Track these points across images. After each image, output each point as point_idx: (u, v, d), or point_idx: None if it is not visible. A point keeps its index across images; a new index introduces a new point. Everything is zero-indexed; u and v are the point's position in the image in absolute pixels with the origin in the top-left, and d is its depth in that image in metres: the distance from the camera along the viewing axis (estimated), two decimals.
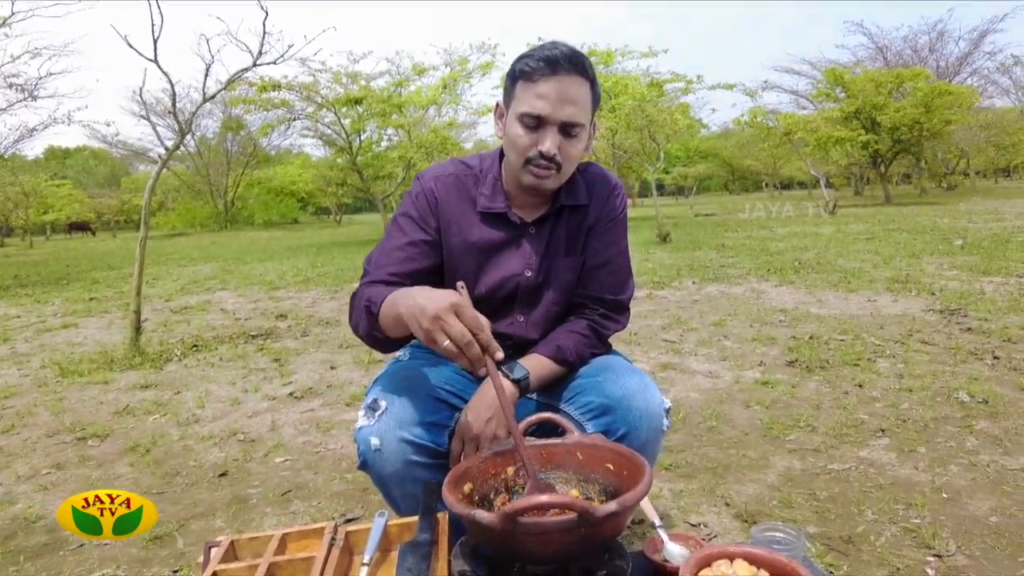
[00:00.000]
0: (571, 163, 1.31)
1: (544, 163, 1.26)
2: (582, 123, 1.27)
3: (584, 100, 1.27)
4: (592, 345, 1.38)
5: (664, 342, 4.07)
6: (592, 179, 1.44)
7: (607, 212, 1.42)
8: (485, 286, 1.38)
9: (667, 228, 11.34)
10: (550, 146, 1.25)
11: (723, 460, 2.28)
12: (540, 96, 1.23)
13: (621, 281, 1.44)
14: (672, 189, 57.46)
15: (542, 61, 1.23)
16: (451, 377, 1.41)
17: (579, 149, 1.30)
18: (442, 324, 0.98)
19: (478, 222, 1.38)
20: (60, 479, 2.46)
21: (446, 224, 1.37)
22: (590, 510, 0.78)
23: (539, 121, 1.24)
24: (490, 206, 1.37)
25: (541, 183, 1.29)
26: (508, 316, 1.41)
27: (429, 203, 1.37)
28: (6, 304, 7.88)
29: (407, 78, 18.82)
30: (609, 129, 15.00)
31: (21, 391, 3.75)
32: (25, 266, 14.48)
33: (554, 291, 1.41)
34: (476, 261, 1.38)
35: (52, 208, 30.73)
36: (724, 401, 2.91)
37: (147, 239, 4.50)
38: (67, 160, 46.78)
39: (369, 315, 1.22)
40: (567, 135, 1.27)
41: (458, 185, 1.40)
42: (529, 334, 1.41)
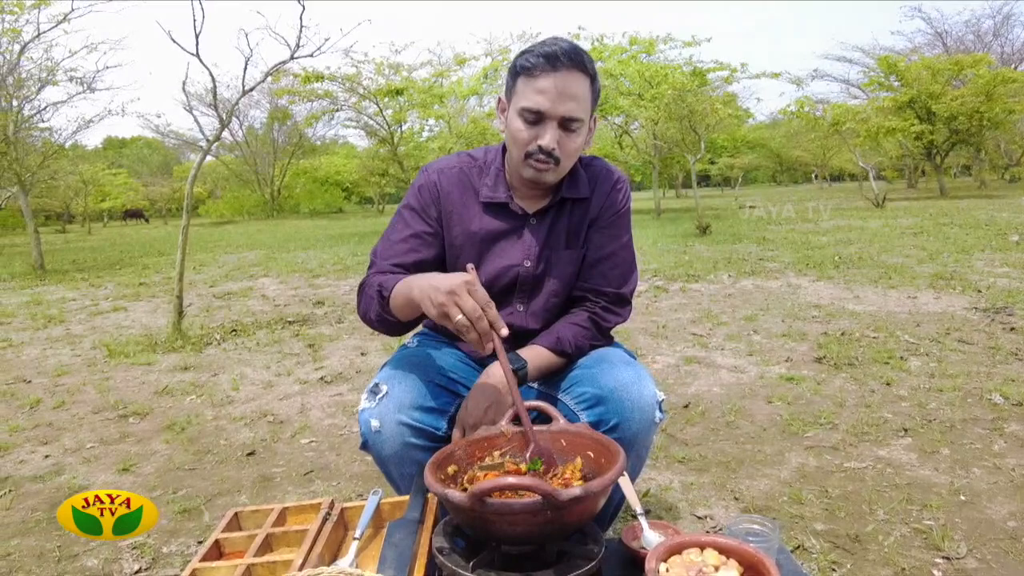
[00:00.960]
0: (570, 157, 1.33)
1: (543, 157, 1.29)
2: (581, 118, 1.29)
3: (583, 95, 1.29)
4: (592, 337, 1.40)
5: (692, 336, 4.04)
6: (595, 173, 1.46)
7: (609, 206, 1.44)
8: (485, 275, 1.41)
9: (707, 220, 11.17)
10: (549, 140, 1.27)
11: (737, 455, 2.28)
12: (540, 91, 1.26)
13: (623, 274, 1.45)
14: (718, 180, 56.39)
15: (542, 57, 1.26)
16: (455, 364, 1.45)
17: (578, 143, 1.32)
18: (456, 299, 1.04)
19: (480, 212, 1.41)
20: (102, 453, 2.61)
21: (447, 215, 1.41)
22: (554, 493, 0.81)
23: (539, 116, 1.27)
24: (492, 196, 1.41)
25: (540, 176, 1.32)
26: (508, 306, 1.45)
27: (431, 195, 1.42)
28: (64, 287, 8.28)
29: (448, 68, 18.94)
30: (650, 119, 14.82)
31: (72, 370, 3.96)
32: (83, 251, 15.15)
33: (554, 282, 1.43)
34: (477, 250, 1.41)
35: (109, 196, 31.96)
36: (746, 396, 2.88)
37: (189, 227, 4.67)
38: (123, 149, 48.59)
39: (381, 299, 1.27)
40: (566, 130, 1.29)
41: (461, 177, 1.44)
42: (529, 324, 1.44)
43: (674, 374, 3.27)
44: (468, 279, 1.06)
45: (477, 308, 1.03)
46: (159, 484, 2.30)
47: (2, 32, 10.34)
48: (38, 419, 3.05)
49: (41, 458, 2.59)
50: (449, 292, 1.04)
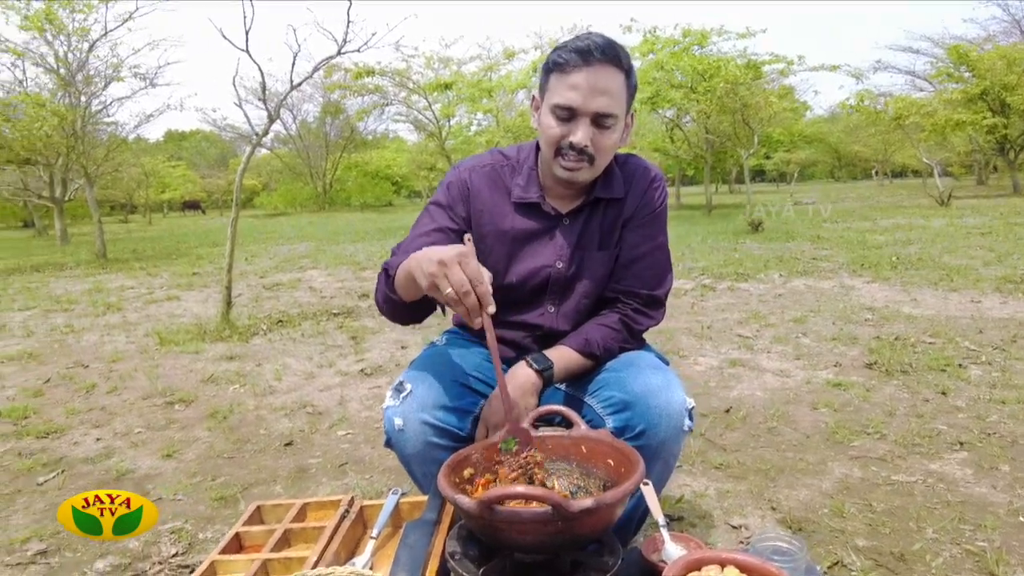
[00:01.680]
0: (604, 155, 1.29)
1: (575, 155, 1.26)
2: (615, 114, 1.25)
3: (617, 91, 1.25)
4: (622, 339, 1.37)
5: (738, 337, 3.93)
6: (631, 171, 1.41)
7: (644, 205, 1.39)
8: (516, 275, 1.39)
9: (759, 217, 10.87)
10: (581, 137, 1.24)
11: (778, 463, 2.20)
12: (572, 87, 1.22)
13: (657, 275, 1.41)
14: (773, 175, 54.83)
15: (575, 52, 1.22)
16: (481, 364, 1.44)
17: (612, 140, 1.28)
18: (445, 270, 1.00)
19: (512, 212, 1.39)
20: (149, 438, 2.70)
21: (478, 214, 1.39)
22: (563, 504, 0.78)
23: (571, 112, 1.23)
24: (524, 196, 1.38)
25: (573, 175, 1.29)
26: (539, 306, 1.42)
27: (461, 193, 1.40)
28: (124, 275, 8.64)
29: (497, 62, 18.93)
30: (703, 112, 14.51)
31: (126, 356, 4.12)
32: (143, 241, 15.78)
33: (586, 283, 1.40)
34: (508, 250, 1.39)
35: (168, 187, 33.25)
36: (790, 402, 2.78)
37: (238, 220, 4.79)
38: (183, 143, 50.38)
39: (386, 277, 1.26)
40: (600, 126, 1.25)
41: (493, 176, 1.41)
42: (559, 325, 1.41)
43: (716, 377, 3.19)
44: (462, 251, 1.02)
45: (465, 283, 0.99)
46: (199, 471, 2.37)
47: (72, 31, 10.82)
48: (92, 403, 3.18)
49: (93, 440, 2.69)
50: (440, 263, 1.00)
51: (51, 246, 15.06)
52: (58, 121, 9.69)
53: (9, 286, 8.01)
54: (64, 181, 13.52)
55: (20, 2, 10.32)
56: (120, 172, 18.43)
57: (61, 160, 11.64)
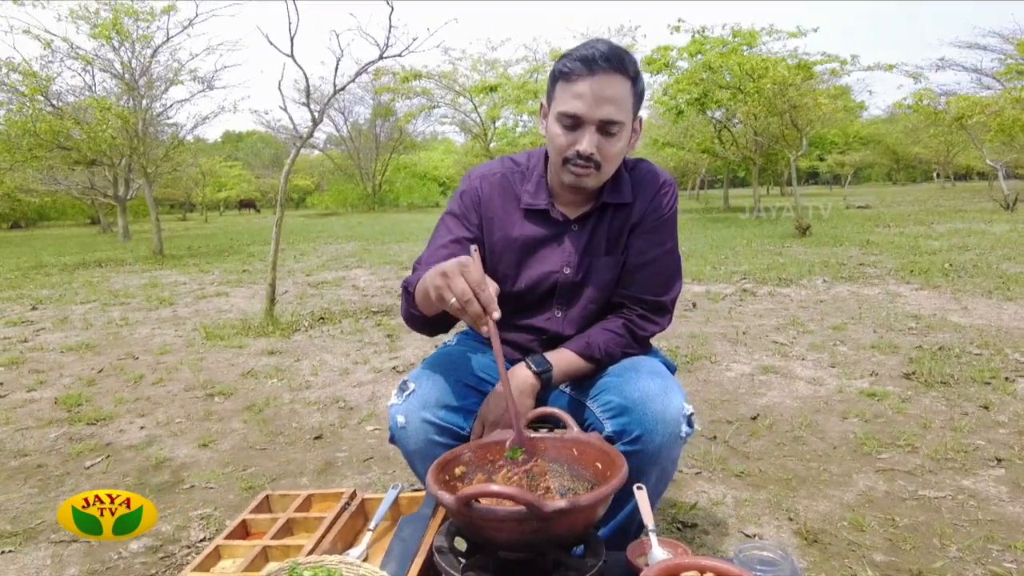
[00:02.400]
0: (611, 162, 1.31)
1: (582, 162, 1.27)
2: (620, 121, 1.26)
3: (623, 98, 1.26)
4: (625, 345, 1.37)
5: (773, 343, 3.86)
6: (640, 177, 1.42)
7: (652, 211, 1.40)
8: (525, 281, 1.41)
9: (807, 220, 10.59)
10: (587, 145, 1.25)
11: (800, 472, 2.16)
12: (577, 95, 1.24)
13: (664, 282, 1.41)
14: (827, 178, 53.20)
15: (579, 61, 1.24)
16: (489, 364, 1.47)
17: (619, 147, 1.30)
18: (448, 282, 1.04)
19: (521, 218, 1.41)
20: (188, 428, 2.83)
21: (488, 221, 1.42)
22: (537, 504, 0.80)
23: (576, 120, 1.25)
24: (532, 203, 1.40)
25: (580, 182, 1.30)
26: (546, 311, 1.44)
27: (473, 201, 1.43)
28: (178, 272, 9.00)
29: (543, 64, 18.98)
30: (750, 114, 14.22)
31: (173, 350, 4.31)
32: (199, 238, 16.39)
33: (593, 289, 1.42)
34: (517, 257, 1.41)
35: (225, 186, 34.40)
36: (820, 411, 2.73)
37: (283, 220, 4.95)
38: (239, 143, 52.02)
39: (406, 295, 1.31)
40: (605, 134, 1.27)
41: (503, 183, 1.44)
42: (565, 330, 1.43)
43: (746, 384, 3.14)
44: (463, 260, 1.05)
45: (467, 291, 1.01)
46: (232, 461, 2.47)
47: (136, 38, 11.33)
48: (139, 393, 3.34)
49: (137, 429, 2.84)
50: (442, 274, 1.04)
51: (114, 242, 15.80)
52: (121, 124, 10.17)
53: (74, 280, 8.45)
54: (127, 181, 14.17)
55: (91, 12, 10.88)
56: (178, 172, 19.18)
57: (124, 161, 12.21)
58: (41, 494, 2.25)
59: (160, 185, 23.02)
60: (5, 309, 6.27)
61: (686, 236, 11.34)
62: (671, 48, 15.59)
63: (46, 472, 2.42)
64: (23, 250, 15.11)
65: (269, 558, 1.03)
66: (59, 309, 6.13)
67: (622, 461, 0.97)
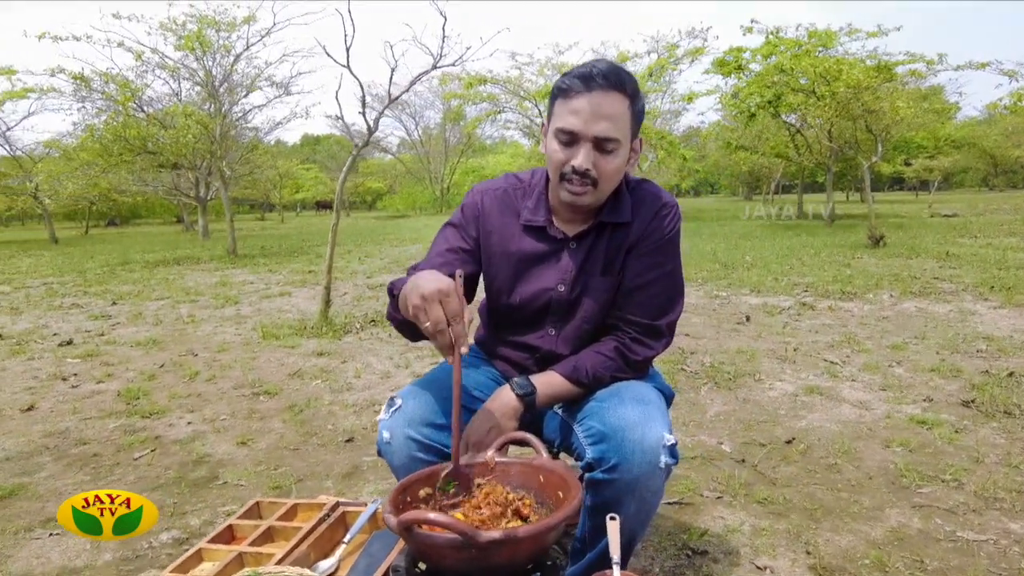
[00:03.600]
0: (608, 180, 1.29)
1: (578, 179, 1.27)
2: (616, 138, 1.25)
3: (620, 115, 1.25)
4: (616, 368, 1.36)
5: (823, 362, 3.69)
6: (641, 197, 1.40)
7: (651, 232, 1.37)
8: (519, 296, 1.42)
9: (881, 230, 10.06)
10: (582, 161, 1.25)
11: (828, 503, 2.06)
12: (574, 112, 1.24)
13: (660, 305, 1.38)
14: (913, 183, 50.30)
15: (577, 78, 1.24)
16: (485, 383, 1.48)
17: (615, 165, 1.28)
18: (426, 305, 1.06)
19: (519, 234, 1.42)
20: (230, 426, 2.97)
21: (487, 235, 1.44)
22: (471, 534, 0.81)
23: (573, 136, 1.25)
24: (531, 219, 1.41)
25: (577, 199, 1.30)
26: (540, 329, 1.44)
27: (473, 214, 1.45)
28: (247, 271, 9.44)
29: None
30: (827, 119, 13.64)
31: (231, 348, 4.53)
32: (272, 239, 17.12)
33: (587, 308, 1.40)
34: (514, 272, 1.42)
35: (302, 188, 35.85)
36: (861, 437, 2.59)
37: (338, 225, 5.12)
38: (316, 146, 54.07)
39: (391, 296, 1.32)
40: (602, 150, 1.26)
41: (504, 198, 1.45)
42: (558, 348, 1.42)
43: (788, 404, 3.02)
44: (443, 288, 1.06)
45: (441, 321, 1.03)
46: (265, 459, 2.57)
47: (218, 48, 11.98)
48: (192, 389, 3.53)
49: (185, 424, 3.00)
50: (422, 297, 1.05)
51: (195, 241, 16.73)
52: (201, 129, 10.76)
53: (152, 277, 9.01)
54: (207, 183, 14.98)
55: (178, 24, 11.58)
56: (256, 174, 20.10)
57: (204, 164, 12.93)
58: (92, 482, 2.41)
59: (240, 187, 24.23)
60: (91, 303, 6.75)
61: (753, 245, 10.99)
62: (744, 50, 15.17)
63: (99, 461, 2.59)
64: (114, 247, 16.21)
65: (244, 564, 1.07)
66: (135, 305, 6.55)
67: (576, 492, 0.96)
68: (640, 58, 18.98)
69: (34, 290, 8.06)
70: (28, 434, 2.91)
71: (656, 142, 18.24)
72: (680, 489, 2.19)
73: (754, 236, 12.84)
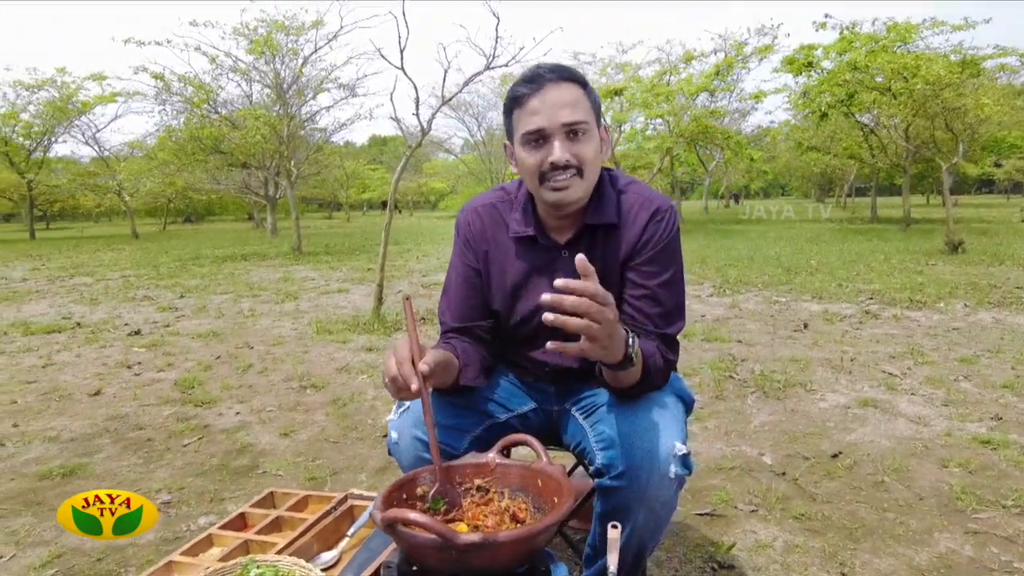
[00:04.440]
0: (590, 166, 1.23)
1: (560, 172, 1.22)
2: (583, 119, 1.21)
3: (579, 101, 1.22)
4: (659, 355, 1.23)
5: (882, 374, 3.51)
6: (629, 203, 1.32)
7: (647, 240, 1.29)
8: (519, 314, 1.37)
9: (960, 235, 9.49)
10: (559, 153, 1.20)
11: (870, 522, 1.96)
12: (533, 112, 1.21)
13: (664, 315, 1.29)
14: (1005, 186, 47.15)
15: (525, 83, 1.22)
16: (505, 386, 1.46)
17: (592, 148, 1.23)
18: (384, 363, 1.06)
19: (512, 248, 1.38)
20: (276, 417, 3.07)
21: (483, 253, 1.40)
22: (449, 536, 0.80)
23: (540, 134, 1.21)
24: (520, 231, 1.35)
25: (565, 195, 1.23)
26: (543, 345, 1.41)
27: (466, 238, 1.41)
28: (310, 268, 9.74)
29: (676, 66, 18.48)
30: (903, 118, 12.97)
31: (285, 342, 4.68)
32: (337, 237, 17.62)
33: None
34: (511, 288, 1.38)
35: (368, 188, 36.78)
36: (915, 455, 2.44)
37: (391, 225, 5.22)
38: (383, 147, 55.35)
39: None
40: (574, 137, 1.21)
41: (493, 213, 1.41)
42: (566, 362, 1.39)
43: (838, 417, 2.88)
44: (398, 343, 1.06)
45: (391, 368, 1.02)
46: (305, 451, 2.65)
47: (286, 51, 12.42)
48: (244, 381, 3.67)
49: (233, 414, 3.12)
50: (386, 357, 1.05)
51: (263, 238, 17.40)
52: (269, 130, 11.19)
53: (220, 272, 9.42)
54: (275, 182, 15.55)
55: (250, 29, 12.08)
56: (323, 174, 20.74)
57: (273, 163, 13.43)
58: (143, 465, 2.54)
59: (308, 186, 25.08)
60: (161, 296, 7.12)
61: (819, 249, 10.57)
62: (816, 47, 14.59)
63: (152, 446, 2.73)
64: (188, 242, 17.05)
65: (249, 550, 1.10)
66: (201, 298, 6.86)
67: (567, 499, 0.94)
68: (706, 57, 18.56)
69: (112, 282, 8.57)
70: (92, 417, 3.09)
71: (722, 142, 17.79)
72: (713, 500, 2.12)
73: (822, 240, 12.34)
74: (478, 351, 1.39)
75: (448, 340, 1.38)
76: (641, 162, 20.23)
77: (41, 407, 3.27)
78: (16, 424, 3.02)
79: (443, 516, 1.03)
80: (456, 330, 1.41)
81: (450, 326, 1.41)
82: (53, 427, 2.97)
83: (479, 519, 1.02)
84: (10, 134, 20.93)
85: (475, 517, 1.03)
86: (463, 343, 1.37)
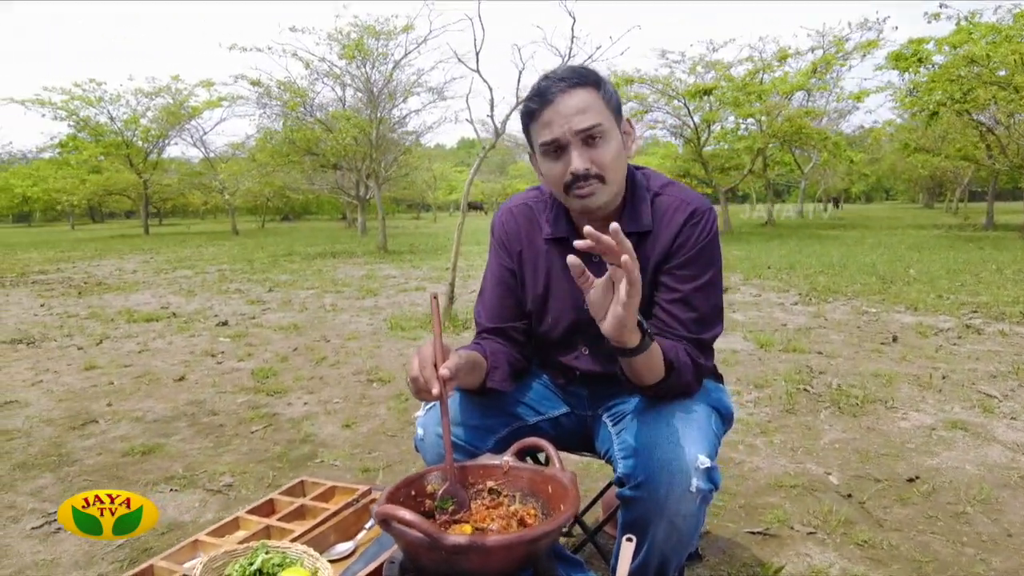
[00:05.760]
0: (612, 170, 1.21)
1: (582, 181, 1.21)
2: (598, 123, 1.18)
3: (591, 104, 1.19)
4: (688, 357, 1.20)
5: (977, 394, 3.21)
6: (663, 205, 1.28)
7: (682, 244, 1.25)
8: (551, 316, 1.37)
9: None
10: (578, 162, 1.19)
11: (945, 557, 1.79)
12: (547, 124, 1.20)
13: (699, 320, 1.24)
14: None
15: (536, 96, 1.21)
16: (538, 389, 1.45)
17: (612, 152, 1.20)
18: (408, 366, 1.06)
19: (545, 250, 1.37)
20: (341, 408, 3.17)
21: (517, 254, 1.39)
22: (436, 536, 0.79)
23: (557, 144, 1.20)
24: (553, 232, 1.34)
25: (589, 202, 1.22)
26: (574, 349, 1.38)
27: (500, 239, 1.42)
28: (392, 266, 10.04)
29: (769, 64, 17.76)
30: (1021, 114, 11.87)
31: (360, 336, 4.84)
32: (422, 236, 18.08)
33: None
34: (543, 290, 1.37)
35: (455, 189, 37.51)
36: (1007, 485, 2.22)
37: (463, 224, 5.30)
38: (471, 150, 56.37)
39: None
40: (591, 143, 1.19)
41: (528, 214, 1.40)
42: (594, 367, 1.36)
43: (920, 438, 2.66)
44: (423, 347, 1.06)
45: (414, 368, 1.03)
46: (363, 443, 2.72)
47: (377, 55, 12.86)
48: (316, 372, 3.82)
49: (302, 404, 3.25)
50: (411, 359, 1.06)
51: (353, 236, 18.10)
52: (359, 132, 11.62)
53: (309, 268, 9.87)
54: (366, 183, 16.14)
55: (343, 34, 12.60)
56: (411, 176, 21.34)
57: (363, 165, 13.95)
58: (213, 449, 2.69)
59: (398, 187, 25.88)
60: (251, 289, 7.54)
61: (921, 257, 9.85)
62: (926, 40, 13.62)
63: (223, 431, 2.89)
64: (283, 239, 17.99)
65: (271, 536, 1.14)
66: (287, 293, 7.21)
67: (569, 508, 0.91)
68: (802, 55, 17.73)
69: (209, 275, 9.16)
70: (175, 401, 3.31)
71: (818, 143, 16.92)
72: (767, 519, 2.01)
73: (925, 247, 11.48)
74: (510, 353, 1.38)
75: (481, 341, 1.38)
76: (732, 163, 19.56)
77: (133, 389, 3.53)
78: (110, 403, 3.28)
79: (450, 516, 1.02)
80: (490, 331, 1.41)
81: (485, 327, 1.42)
82: (140, 408, 3.20)
83: (485, 522, 1.01)
84: (131, 137, 22.89)
85: (482, 519, 1.02)
86: (495, 344, 1.37)
